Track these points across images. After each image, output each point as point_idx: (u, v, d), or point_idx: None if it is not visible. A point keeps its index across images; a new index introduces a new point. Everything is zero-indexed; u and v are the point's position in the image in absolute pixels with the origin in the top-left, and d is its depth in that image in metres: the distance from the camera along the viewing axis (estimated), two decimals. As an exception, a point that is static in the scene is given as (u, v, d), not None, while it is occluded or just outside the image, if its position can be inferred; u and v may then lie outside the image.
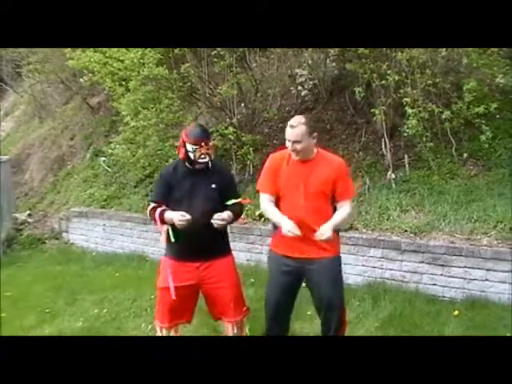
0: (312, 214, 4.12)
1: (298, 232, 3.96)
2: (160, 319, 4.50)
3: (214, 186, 4.34)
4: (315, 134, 4.19)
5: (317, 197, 4.16)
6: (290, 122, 4.17)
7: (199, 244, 4.26)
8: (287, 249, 4.24)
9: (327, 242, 4.07)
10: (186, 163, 4.38)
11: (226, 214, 4.27)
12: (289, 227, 4.00)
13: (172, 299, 4.32)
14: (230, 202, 4.41)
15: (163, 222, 4.31)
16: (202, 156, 4.28)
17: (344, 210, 4.24)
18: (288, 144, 4.15)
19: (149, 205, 4.50)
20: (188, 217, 4.13)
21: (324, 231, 3.98)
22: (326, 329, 4.34)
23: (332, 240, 4.09)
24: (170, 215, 4.23)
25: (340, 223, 4.25)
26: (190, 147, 4.27)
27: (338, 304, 4.25)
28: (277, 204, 4.29)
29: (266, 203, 4.31)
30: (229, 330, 4.47)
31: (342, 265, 6.86)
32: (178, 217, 4.14)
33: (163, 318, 4.46)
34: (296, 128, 4.09)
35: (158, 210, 4.31)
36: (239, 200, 4.57)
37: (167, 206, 4.34)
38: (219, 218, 4.21)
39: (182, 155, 4.36)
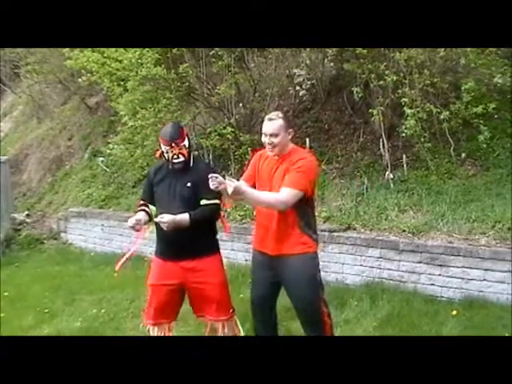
0: (279, 211, 4.07)
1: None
2: (146, 315, 4.54)
3: (188, 184, 4.32)
4: (291, 130, 4.21)
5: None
6: (267, 116, 4.20)
7: (181, 243, 4.26)
8: (259, 244, 4.30)
9: (299, 239, 4.11)
10: (169, 165, 4.40)
11: (169, 217, 4.15)
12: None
13: (158, 297, 4.38)
14: (202, 202, 4.33)
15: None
16: (175, 156, 4.28)
17: (274, 194, 4.05)
18: (264, 139, 4.14)
19: (139, 201, 4.67)
20: (131, 224, 4.26)
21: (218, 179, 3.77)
22: (304, 329, 4.32)
23: (294, 237, 4.10)
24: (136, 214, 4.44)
25: (254, 196, 4.04)
26: (163, 148, 4.31)
27: (308, 304, 4.20)
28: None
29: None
30: (219, 330, 4.47)
31: (340, 264, 6.95)
32: (131, 219, 4.31)
33: (148, 314, 4.49)
34: (274, 121, 4.10)
35: (137, 209, 4.56)
36: (213, 201, 4.35)
37: (153, 203, 4.48)
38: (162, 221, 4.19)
39: (158, 154, 4.47)
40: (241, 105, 9.82)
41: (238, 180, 4.06)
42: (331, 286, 6.45)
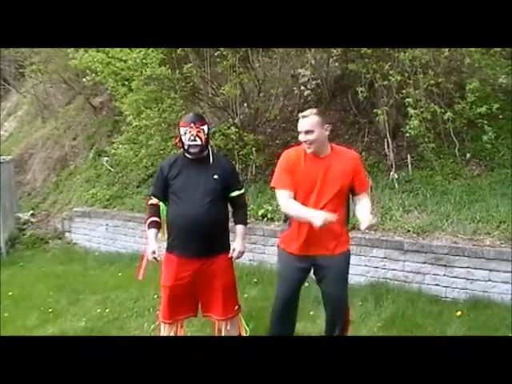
0: (332, 210, 3.99)
1: (332, 218, 3.80)
2: (162, 314, 4.51)
3: (215, 176, 4.33)
4: (327, 125, 4.15)
5: (333, 193, 4.08)
6: (302, 114, 4.16)
7: (202, 240, 4.25)
8: (298, 246, 4.20)
9: (346, 237, 4.22)
10: (186, 154, 4.41)
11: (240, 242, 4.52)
12: (323, 216, 3.77)
13: (172, 296, 4.36)
14: (233, 194, 4.43)
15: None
16: (192, 138, 4.29)
17: (366, 201, 4.21)
18: (300, 136, 4.12)
19: (150, 198, 4.59)
20: (153, 257, 4.36)
21: (368, 218, 3.92)
22: (330, 327, 4.34)
23: (343, 235, 4.15)
24: (149, 239, 4.46)
25: (370, 211, 4.15)
26: (182, 130, 4.34)
27: (345, 301, 4.27)
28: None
29: (286, 199, 4.12)
30: (222, 327, 4.47)
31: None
32: (150, 252, 4.38)
33: (164, 313, 4.48)
34: (308, 118, 4.08)
35: (149, 221, 4.51)
36: (243, 191, 4.61)
37: (165, 200, 4.45)
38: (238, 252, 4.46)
39: (177, 141, 4.49)
40: (245, 105, 9.82)
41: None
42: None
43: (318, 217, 3.77)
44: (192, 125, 4.29)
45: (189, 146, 4.31)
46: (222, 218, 4.43)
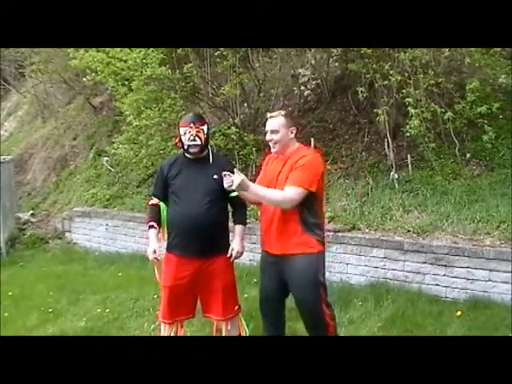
0: (281, 210, 4.08)
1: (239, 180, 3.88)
2: (162, 315, 4.49)
3: (215, 176, 4.31)
4: (293, 128, 4.21)
5: None
6: (270, 114, 4.29)
7: (203, 239, 4.24)
8: (265, 244, 4.33)
9: (300, 238, 4.10)
10: (186, 153, 4.41)
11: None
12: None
13: (172, 296, 4.34)
14: (233, 194, 4.41)
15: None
16: (192, 138, 4.30)
17: (279, 191, 4.06)
18: (267, 136, 4.23)
19: (150, 198, 4.60)
20: (153, 257, 4.34)
21: (235, 177, 3.88)
22: (307, 330, 4.30)
23: (305, 237, 4.09)
24: (150, 239, 4.46)
25: (259, 192, 4.04)
26: (182, 130, 4.34)
27: (310, 305, 4.18)
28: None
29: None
30: (222, 327, 4.45)
31: (345, 265, 6.94)
32: (150, 252, 4.36)
33: (164, 313, 4.46)
34: (275, 118, 4.19)
35: (150, 213, 4.54)
36: None
37: (165, 199, 4.43)
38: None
39: (176, 141, 4.48)
40: (245, 105, 9.83)
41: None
42: (336, 286, 6.45)
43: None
44: (192, 125, 4.30)
45: (188, 145, 4.31)
46: (221, 218, 4.43)
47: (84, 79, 11.02)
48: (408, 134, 7.33)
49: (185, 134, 4.31)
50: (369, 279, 6.80)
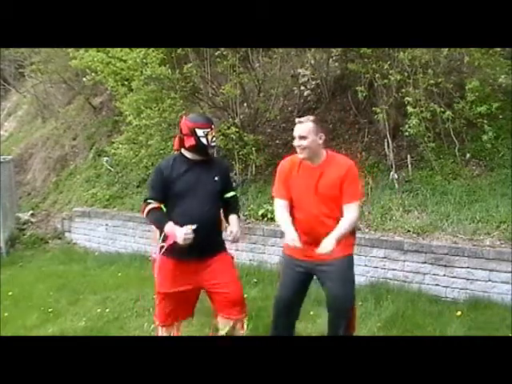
0: (322, 220, 4.10)
1: (298, 244, 3.95)
2: (159, 319, 4.47)
3: (216, 178, 4.32)
4: (322, 134, 4.18)
5: (327, 201, 4.14)
6: (298, 119, 4.24)
7: (204, 240, 4.15)
8: (298, 252, 4.18)
9: (347, 241, 4.18)
10: (193, 154, 4.32)
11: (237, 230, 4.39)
12: (291, 237, 4.01)
13: (171, 303, 4.32)
14: (229, 195, 4.45)
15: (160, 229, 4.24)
16: (214, 139, 4.31)
17: (348, 215, 4.13)
18: (295, 142, 4.18)
19: (145, 202, 4.35)
20: (192, 234, 4.04)
21: (326, 244, 3.91)
22: (332, 330, 4.33)
23: (343, 241, 4.08)
24: (172, 229, 4.12)
25: (344, 232, 4.09)
26: (200, 132, 4.22)
27: (345, 305, 4.24)
28: (291, 211, 4.28)
29: (278, 209, 4.31)
30: (229, 327, 4.42)
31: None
32: (182, 235, 4.03)
33: (161, 317, 4.44)
34: (303, 124, 4.15)
35: (156, 216, 4.28)
36: (235, 192, 4.67)
37: (165, 203, 4.28)
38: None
39: (191, 143, 4.25)
40: (245, 105, 9.82)
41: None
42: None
43: (288, 235, 4.06)
44: (212, 126, 4.29)
45: (210, 147, 4.29)
46: (219, 218, 4.45)
47: (84, 79, 11.03)
48: (407, 134, 7.33)
49: (206, 135, 4.22)
50: (369, 279, 6.81)
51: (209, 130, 4.25)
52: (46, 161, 14.15)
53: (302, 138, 4.11)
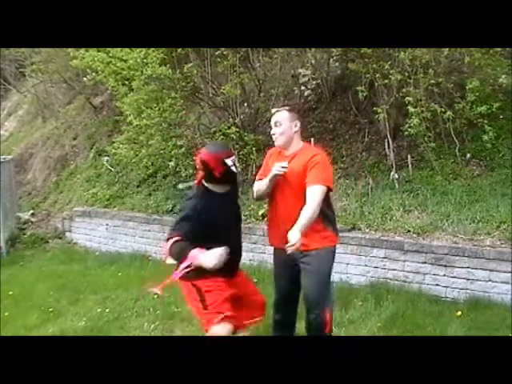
0: (294, 207, 4.01)
1: (286, 165, 4.07)
2: (221, 309, 4.08)
3: (240, 209, 4.48)
4: (298, 122, 4.29)
5: (293, 189, 4.14)
6: (275, 109, 4.46)
7: (235, 258, 4.27)
8: (280, 240, 4.02)
9: (323, 232, 4.17)
10: (214, 187, 4.12)
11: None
12: (277, 167, 4.10)
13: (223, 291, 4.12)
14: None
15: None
16: (237, 164, 4.29)
17: (310, 200, 3.99)
18: (272, 130, 4.34)
19: (171, 236, 3.90)
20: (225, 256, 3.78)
21: (290, 238, 3.69)
22: (307, 326, 4.30)
23: (319, 232, 4.12)
24: (196, 252, 3.76)
25: (307, 220, 3.89)
26: (229, 161, 4.04)
27: (319, 300, 4.19)
28: (270, 201, 4.40)
29: (255, 183, 4.46)
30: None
31: (345, 265, 6.93)
32: (215, 255, 3.73)
33: (223, 308, 4.08)
34: (279, 112, 4.33)
35: (185, 255, 3.79)
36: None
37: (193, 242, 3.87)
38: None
39: (220, 173, 4.03)
40: (246, 105, 9.82)
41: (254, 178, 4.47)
42: (336, 286, 6.44)
43: (275, 168, 4.13)
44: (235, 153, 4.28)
45: (239, 173, 4.32)
46: None
47: (84, 79, 11.04)
48: (408, 134, 7.33)
49: (233, 164, 4.08)
50: (369, 279, 6.81)
51: (234, 157, 4.16)
52: (47, 160, 14.16)
53: (277, 124, 4.27)
